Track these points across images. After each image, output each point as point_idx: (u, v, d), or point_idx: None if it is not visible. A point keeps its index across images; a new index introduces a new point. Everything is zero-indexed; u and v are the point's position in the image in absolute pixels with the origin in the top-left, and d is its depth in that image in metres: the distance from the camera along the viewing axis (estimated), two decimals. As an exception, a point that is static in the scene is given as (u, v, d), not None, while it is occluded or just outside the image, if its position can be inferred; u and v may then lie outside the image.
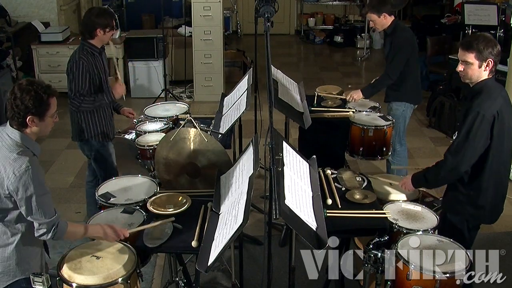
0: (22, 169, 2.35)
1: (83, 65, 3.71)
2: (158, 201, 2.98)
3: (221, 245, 2.37)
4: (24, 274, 2.57)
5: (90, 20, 3.76)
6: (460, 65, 2.89)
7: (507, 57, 5.09)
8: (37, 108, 2.39)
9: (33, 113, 2.40)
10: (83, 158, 5.57)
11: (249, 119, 4.74)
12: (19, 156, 2.37)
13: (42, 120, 2.45)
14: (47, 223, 2.44)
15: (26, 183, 2.35)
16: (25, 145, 2.43)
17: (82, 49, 3.79)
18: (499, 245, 4.03)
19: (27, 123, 2.42)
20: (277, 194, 2.27)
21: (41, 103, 2.40)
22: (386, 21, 4.37)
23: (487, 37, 2.87)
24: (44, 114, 2.44)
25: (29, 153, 2.42)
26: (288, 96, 3.99)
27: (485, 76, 2.86)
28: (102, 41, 3.84)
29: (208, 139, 3.29)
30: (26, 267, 2.58)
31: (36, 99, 2.38)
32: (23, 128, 2.44)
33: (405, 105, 4.49)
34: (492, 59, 2.81)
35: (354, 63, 9.39)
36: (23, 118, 2.40)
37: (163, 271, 3.88)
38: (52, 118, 2.50)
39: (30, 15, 7.59)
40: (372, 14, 4.38)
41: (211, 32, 7.00)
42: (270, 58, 2.65)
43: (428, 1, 9.89)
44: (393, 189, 3.29)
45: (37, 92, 2.38)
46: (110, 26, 3.79)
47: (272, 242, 2.97)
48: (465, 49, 2.84)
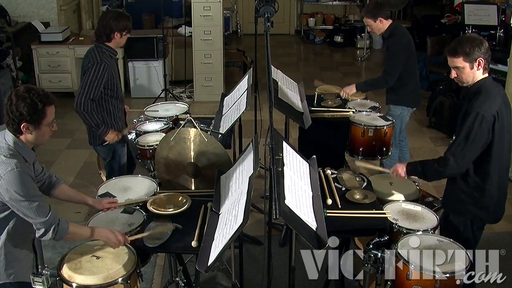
0: (7, 171, 2.32)
1: (104, 67, 3.68)
2: (158, 201, 2.98)
3: (221, 245, 2.37)
4: (9, 278, 2.56)
5: (108, 24, 3.73)
6: (453, 71, 2.88)
7: (507, 57, 5.09)
8: (31, 116, 2.36)
9: (28, 120, 2.37)
10: (83, 158, 5.59)
11: (249, 119, 4.74)
12: (6, 158, 2.35)
13: (37, 128, 2.41)
14: (43, 223, 2.41)
15: (12, 185, 2.32)
16: (18, 150, 2.42)
17: (101, 51, 3.75)
18: (499, 245, 4.02)
19: (21, 130, 2.40)
20: (277, 194, 2.26)
21: (35, 111, 2.36)
22: (383, 25, 4.37)
23: (470, 37, 2.88)
24: (40, 123, 2.40)
25: (19, 158, 2.39)
26: (288, 96, 4.00)
27: (480, 75, 2.85)
28: (118, 44, 3.84)
29: (208, 139, 3.29)
30: (10, 271, 2.56)
31: (31, 107, 2.34)
32: (18, 135, 2.43)
33: (403, 109, 4.50)
34: (481, 57, 2.79)
35: (354, 63, 9.39)
36: (18, 125, 2.38)
37: (163, 271, 3.88)
38: (48, 127, 2.46)
39: (30, 15, 7.59)
40: (368, 19, 4.38)
41: (211, 32, 7.00)
42: (270, 58, 2.65)
43: (428, 1, 9.88)
44: (393, 189, 3.29)
45: (33, 100, 2.34)
46: (128, 29, 3.81)
47: (272, 242, 2.97)
48: (452, 55, 2.83)
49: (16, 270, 2.59)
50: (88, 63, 3.72)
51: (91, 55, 3.75)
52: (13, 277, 2.57)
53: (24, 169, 2.37)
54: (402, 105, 4.49)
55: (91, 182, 4.99)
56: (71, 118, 6.44)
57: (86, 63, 3.75)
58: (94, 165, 4.59)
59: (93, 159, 4.98)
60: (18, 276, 2.60)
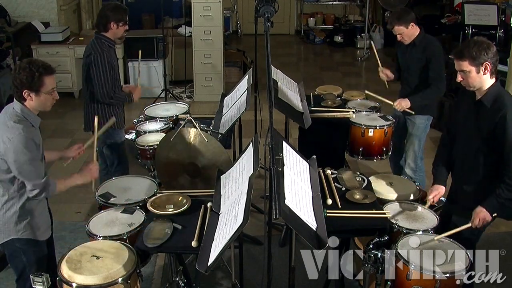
0: (14, 135, 2.63)
1: (107, 57, 3.90)
2: (158, 201, 2.98)
3: (221, 245, 2.37)
4: (17, 234, 2.83)
5: (105, 13, 3.96)
6: (459, 75, 2.84)
7: (507, 57, 5.09)
8: (30, 83, 2.67)
9: (28, 88, 2.68)
10: (83, 158, 5.56)
11: (249, 119, 4.74)
12: (15, 123, 2.67)
13: (37, 95, 2.71)
14: (39, 185, 2.73)
15: (17, 148, 2.63)
16: (24, 116, 2.72)
17: (100, 42, 3.95)
18: (499, 245, 4.01)
19: (24, 97, 2.71)
20: (277, 194, 2.26)
21: (33, 79, 2.66)
22: (414, 30, 4.17)
23: (479, 41, 2.82)
24: (38, 90, 2.70)
25: (26, 123, 2.70)
26: (288, 96, 3.99)
27: (488, 80, 2.81)
28: (115, 35, 4.01)
29: (208, 139, 3.29)
30: (19, 227, 2.82)
31: (29, 75, 2.66)
32: (23, 101, 2.73)
33: (428, 118, 4.36)
34: (488, 61, 2.76)
35: (354, 63, 9.38)
36: (20, 92, 2.70)
37: (163, 271, 3.88)
38: (49, 95, 2.74)
39: (30, 15, 7.59)
40: (400, 27, 4.14)
41: (211, 32, 7.00)
42: (270, 58, 2.65)
43: (428, 1, 9.87)
44: (393, 189, 3.29)
45: (31, 70, 2.66)
46: (124, 21, 3.99)
47: (272, 242, 2.97)
48: (458, 58, 2.80)
49: (27, 227, 2.83)
50: (90, 54, 3.93)
51: (92, 47, 3.95)
52: (21, 233, 2.83)
53: (29, 134, 2.67)
54: (428, 114, 4.34)
55: (91, 181, 4.97)
56: (71, 118, 6.45)
57: (87, 54, 3.96)
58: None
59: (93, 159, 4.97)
60: (29, 233, 2.85)
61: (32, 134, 2.70)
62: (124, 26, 4.01)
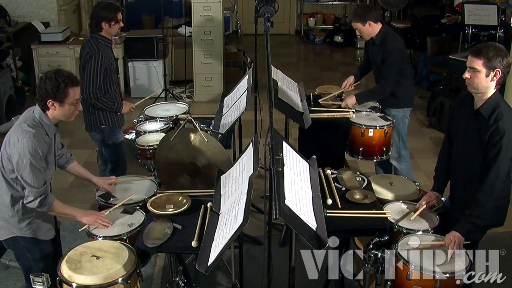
0: (25, 138, 2.67)
1: (103, 56, 3.88)
2: (158, 201, 2.98)
3: (221, 245, 2.37)
4: (21, 232, 2.85)
5: (96, 13, 3.96)
6: (467, 72, 2.79)
7: (507, 57, 5.09)
8: (55, 93, 2.71)
9: (52, 97, 2.73)
10: (83, 158, 5.58)
11: (249, 119, 4.74)
12: (28, 127, 2.72)
13: (61, 105, 2.76)
14: (36, 192, 2.71)
15: (23, 151, 2.66)
16: (41, 123, 2.77)
17: (97, 41, 3.94)
18: (499, 245, 4.01)
19: (47, 106, 2.76)
20: (277, 194, 2.26)
21: (58, 89, 2.70)
22: (372, 29, 4.21)
23: (498, 46, 2.79)
24: (63, 101, 2.74)
25: (40, 130, 2.75)
26: (288, 96, 3.99)
27: (492, 88, 2.78)
28: (109, 33, 4.00)
29: (208, 139, 3.29)
30: (23, 225, 2.84)
31: (55, 85, 2.70)
32: (46, 110, 2.78)
33: (404, 110, 4.41)
34: (500, 69, 2.72)
35: (354, 63, 9.38)
36: (44, 101, 2.74)
37: (163, 271, 3.88)
38: (72, 106, 2.79)
39: (30, 15, 7.59)
40: (357, 23, 4.21)
41: (211, 32, 7.00)
42: (270, 58, 2.65)
43: (428, 1, 9.87)
44: (393, 189, 3.29)
45: (57, 80, 2.70)
46: (115, 20, 3.96)
47: (272, 242, 2.97)
48: (474, 55, 2.75)
49: (29, 226, 2.86)
50: (86, 54, 3.92)
51: (89, 46, 3.94)
52: (24, 232, 2.86)
53: (38, 142, 2.70)
54: (403, 107, 4.41)
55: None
56: (71, 118, 6.46)
57: (84, 54, 3.95)
58: (95, 165, 4.58)
59: (93, 159, 4.98)
60: (30, 232, 2.87)
61: (41, 144, 2.72)
62: (117, 25, 3.98)
